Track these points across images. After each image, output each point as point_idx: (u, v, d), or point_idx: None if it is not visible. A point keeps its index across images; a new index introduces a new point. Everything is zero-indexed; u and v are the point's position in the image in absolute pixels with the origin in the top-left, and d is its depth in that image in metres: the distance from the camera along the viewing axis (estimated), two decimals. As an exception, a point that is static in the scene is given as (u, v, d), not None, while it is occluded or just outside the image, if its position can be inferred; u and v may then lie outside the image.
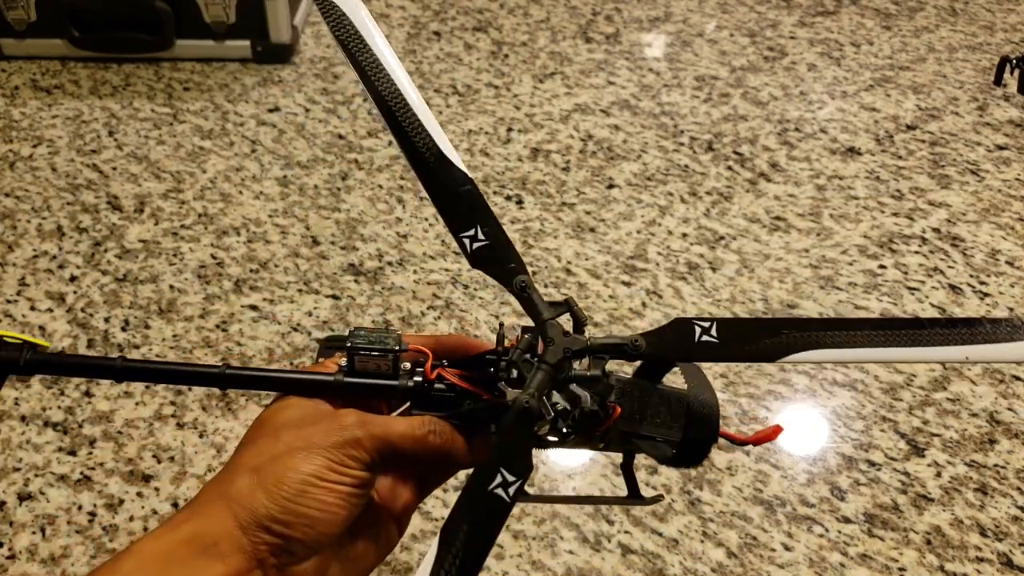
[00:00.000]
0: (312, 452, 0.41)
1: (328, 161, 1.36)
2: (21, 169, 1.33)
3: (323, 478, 0.40)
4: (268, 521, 0.39)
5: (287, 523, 0.39)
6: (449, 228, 0.48)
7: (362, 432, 0.42)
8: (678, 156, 1.41)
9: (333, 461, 0.41)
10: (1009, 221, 1.29)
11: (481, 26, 1.73)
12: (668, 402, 0.47)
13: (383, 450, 0.42)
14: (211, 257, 1.18)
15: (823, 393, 1.03)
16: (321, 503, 0.40)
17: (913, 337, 0.45)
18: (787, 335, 0.45)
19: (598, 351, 0.45)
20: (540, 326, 0.46)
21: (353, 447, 0.41)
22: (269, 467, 0.40)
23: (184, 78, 1.54)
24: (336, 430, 0.42)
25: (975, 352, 0.45)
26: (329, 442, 0.41)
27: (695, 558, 0.86)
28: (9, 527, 0.86)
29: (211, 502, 0.40)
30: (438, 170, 0.48)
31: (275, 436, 0.42)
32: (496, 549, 0.86)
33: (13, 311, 1.09)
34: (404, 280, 1.16)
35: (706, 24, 1.77)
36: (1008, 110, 1.54)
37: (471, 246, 0.48)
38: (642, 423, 0.46)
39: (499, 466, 0.41)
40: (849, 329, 0.46)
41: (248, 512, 0.39)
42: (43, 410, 0.97)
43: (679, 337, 0.46)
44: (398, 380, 0.46)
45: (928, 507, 0.91)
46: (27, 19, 1.51)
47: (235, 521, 0.39)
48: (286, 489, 0.40)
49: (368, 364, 0.45)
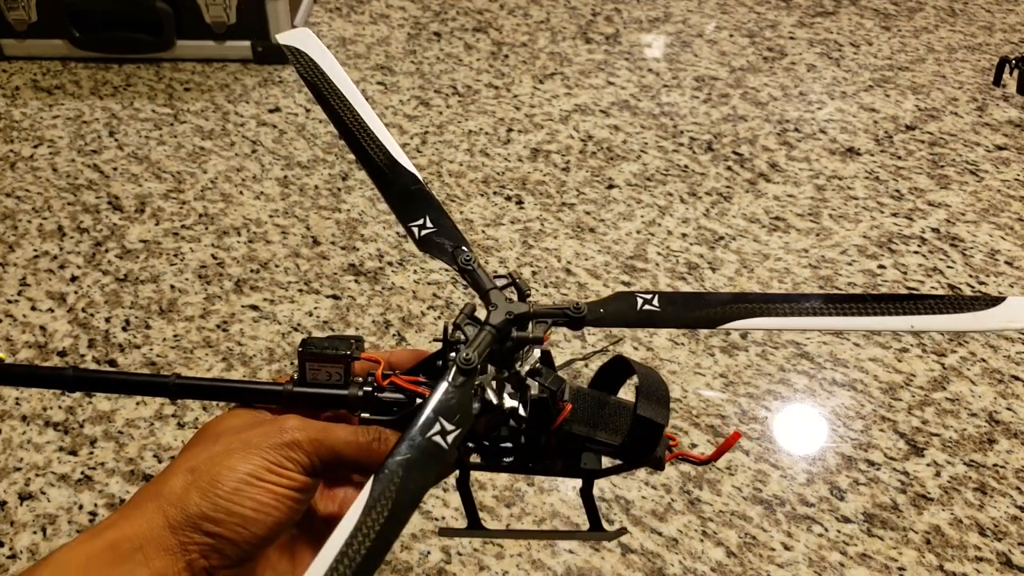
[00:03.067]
0: (250, 452, 0.40)
1: (328, 161, 1.36)
2: (22, 169, 1.33)
3: (260, 478, 0.40)
4: (199, 519, 0.39)
5: (219, 521, 0.39)
6: (400, 220, 0.52)
7: (302, 435, 0.41)
8: (678, 156, 1.41)
9: (271, 462, 0.40)
10: (1008, 221, 1.30)
11: (481, 27, 1.73)
12: (622, 413, 0.47)
13: (324, 455, 0.42)
14: (212, 257, 1.18)
15: (822, 393, 1.03)
16: (256, 503, 0.39)
17: (858, 308, 0.47)
18: (728, 307, 0.47)
19: (540, 316, 0.46)
20: (483, 295, 0.47)
21: (292, 449, 0.41)
22: (205, 466, 0.40)
23: (185, 78, 1.54)
24: (276, 432, 0.41)
25: (920, 321, 0.47)
26: (268, 443, 0.41)
27: (695, 557, 0.86)
28: (10, 527, 0.86)
29: (141, 504, 0.40)
30: (391, 174, 0.54)
31: (214, 440, 0.42)
32: (496, 548, 0.86)
33: (14, 311, 1.09)
34: (404, 280, 1.16)
35: (706, 24, 1.78)
36: (1007, 110, 1.54)
37: (419, 233, 0.51)
38: (595, 429, 0.46)
39: (439, 416, 0.41)
40: (793, 302, 0.47)
41: (179, 511, 0.39)
42: (44, 410, 0.97)
43: (621, 306, 0.47)
44: (348, 389, 0.45)
45: (927, 507, 0.91)
46: (28, 19, 1.51)
47: (165, 521, 0.39)
48: (220, 488, 0.39)
49: (319, 374, 0.45)
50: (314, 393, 0.46)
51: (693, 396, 1.01)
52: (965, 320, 0.47)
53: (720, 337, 1.09)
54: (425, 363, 0.47)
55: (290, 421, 0.42)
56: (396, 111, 1.48)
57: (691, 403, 1.01)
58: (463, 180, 1.34)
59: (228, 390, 0.46)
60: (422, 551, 0.86)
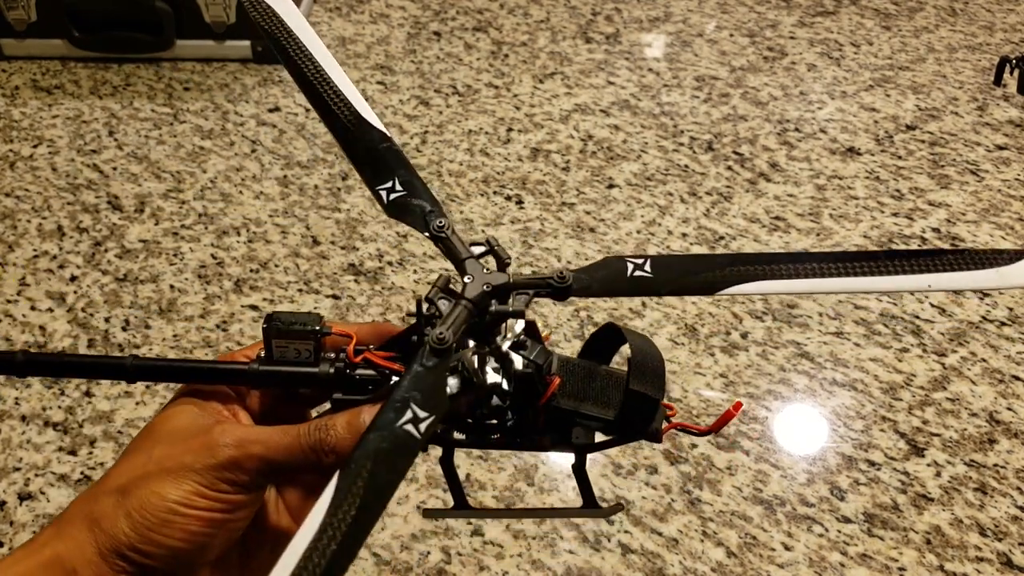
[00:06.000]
0: (181, 476, 0.38)
1: (328, 161, 1.36)
2: (21, 169, 1.33)
3: (190, 505, 0.37)
4: (127, 551, 0.37)
5: (148, 554, 0.37)
6: (367, 184, 0.47)
7: (239, 452, 0.38)
8: (678, 156, 1.41)
9: (203, 485, 0.38)
10: (1008, 221, 1.29)
11: (481, 26, 1.73)
12: (614, 384, 0.43)
13: (263, 469, 0.39)
14: (211, 257, 1.18)
15: (823, 393, 1.03)
16: (186, 533, 0.37)
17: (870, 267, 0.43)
18: (728, 269, 0.43)
19: (521, 286, 0.42)
20: (459, 264, 0.43)
21: (228, 469, 0.38)
22: (135, 489, 0.38)
23: (184, 78, 1.54)
24: (209, 451, 0.38)
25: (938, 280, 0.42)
26: (200, 464, 0.38)
27: (695, 558, 0.86)
28: (9, 527, 0.86)
29: (74, 522, 0.38)
30: (357, 131, 0.49)
31: (150, 451, 0.39)
32: (496, 549, 0.86)
33: (13, 311, 1.09)
34: (404, 280, 1.16)
35: (706, 24, 1.78)
36: (1008, 110, 1.54)
37: (388, 197, 0.46)
38: (585, 403, 0.43)
39: (410, 402, 0.37)
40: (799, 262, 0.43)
41: (108, 538, 0.37)
42: (43, 410, 0.97)
43: (610, 273, 0.43)
44: (318, 367, 0.42)
45: (928, 507, 0.91)
46: (27, 19, 1.51)
47: (96, 547, 0.37)
48: (149, 517, 0.37)
49: (288, 351, 0.42)
50: (282, 371, 0.42)
51: (693, 396, 1.01)
52: (987, 277, 0.42)
53: (720, 337, 1.09)
54: (399, 338, 0.44)
55: (226, 436, 0.39)
56: (396, 111, 1.48)
57: (691, 403, 1.01)
58: (463, 180, 1.34)
59: (190, 371, 0.43)
60: (422, 551, 0.85)
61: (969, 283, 0.43)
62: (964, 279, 0.43)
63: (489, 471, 0.92)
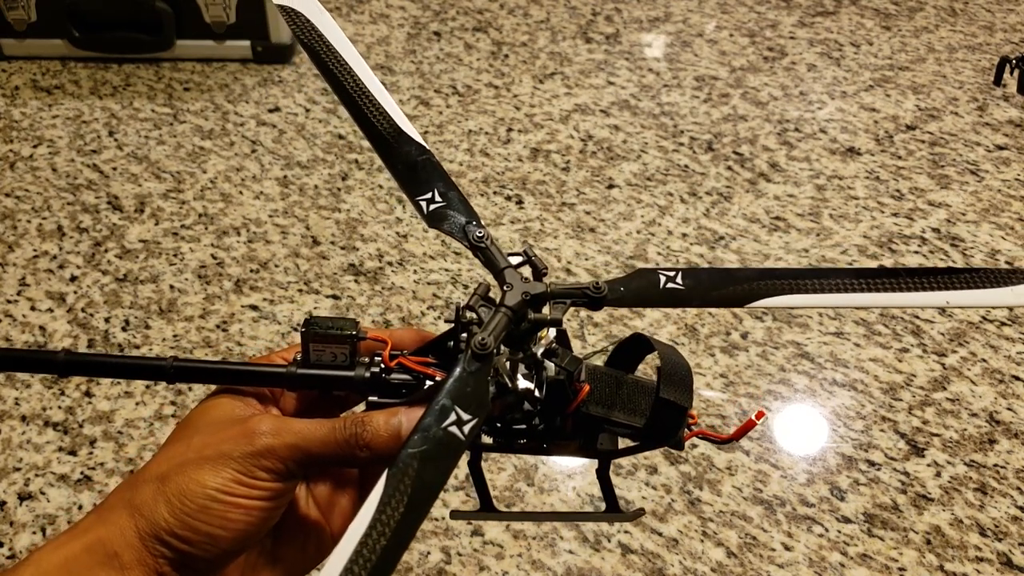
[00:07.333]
0: (220, 463, 0.39)
1: (328, 161, 1.36)
2: (21, 169, 1.33)
3: (229, 492, 0.39)
4: (167, 536, 0.38)
5: (187, 539, 0.38)
6: (407, 194, 0.49)
7: (276, 440, 0.40)
8: (678, 156, 1.41)
9: (241, 473, 0.39)
10: (1009, 221, 1.29)
11: (481, 26, 1.73)
12: (641, 391, 0.45)
13: (299, 459, 0.40)
14: (211, 257, 1.18)
15: (823, 393, 1.03)
16: (224, 520, 0.38)
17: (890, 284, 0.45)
18: (756, 283, 0.44)
19: (558, 296, 0.43)
20: (498, 274, 0.44)
21: (265, 457, 0.39)
22: (174, 476, 0.39)
23: (184, 78, 1.54)
24: (247, 439, 0.40)
25: (955, 297, 0.44)
26: (239, 452, 0.39)
27: (695, 558, 0.86)
28: (9, 527, 0.86)
29: (116, 508, 0.39)
30: (396, 144, 0.50)
31: (189, 440, 0.41)
32: (496, 549, 0.86)
33: (13, 311, 1.09)
34: (404, 280, 1.16)
35: (706, 24, 1.78)
36: (1008, 110, 1.54)
37: (428, 208, 0.48)
38: (613, 410, 0.44)
39: (454, 405, 0.39)
40: (823, 278, 0.45)
41: (149, 524, 0.38)
42: (43, 410, 0.97)
43: (643, 284, 0.45)
44: (354, 371, 0.43)
45: (928, 507, 0.91)
46: (27, 19, 1.51)
47: (136, 532, 0.38)
48: (188, 503, 0.38)
49: (324, 354, 0.43)
50: (319, 375, 0.43)
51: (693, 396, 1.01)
52: (1004, 295, 0.44)
53: (720, 337, 1.09)
54: (433, 344, 0.45)
55: (263, 424, 0.40)
56: (396, 111, 1.48)
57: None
58: (463, 180, 1.34)
59: (229, 373, 0.44)
60: (422, 551, 0.85)
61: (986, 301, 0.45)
62: (981, 297, 0.44)
63: (489, 471, 0.92)
